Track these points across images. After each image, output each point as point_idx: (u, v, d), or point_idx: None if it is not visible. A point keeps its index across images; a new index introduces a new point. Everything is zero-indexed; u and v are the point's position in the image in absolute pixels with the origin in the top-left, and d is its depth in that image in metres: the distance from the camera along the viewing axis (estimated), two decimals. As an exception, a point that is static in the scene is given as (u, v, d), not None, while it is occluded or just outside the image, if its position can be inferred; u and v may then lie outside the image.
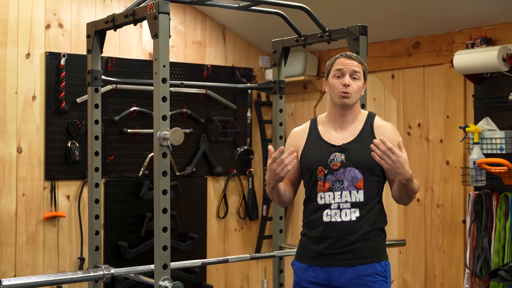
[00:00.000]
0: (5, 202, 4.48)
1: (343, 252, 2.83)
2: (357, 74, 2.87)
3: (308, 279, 2.90)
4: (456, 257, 4.46)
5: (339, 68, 2.88)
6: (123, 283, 4.80)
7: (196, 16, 5.37)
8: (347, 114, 2.92)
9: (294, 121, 5.69)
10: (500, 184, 4.09)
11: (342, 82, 2.86)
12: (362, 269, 2.82)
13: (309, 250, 2.91)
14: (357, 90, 2.88)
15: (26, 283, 2.99)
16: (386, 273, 2.86)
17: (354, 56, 2.91)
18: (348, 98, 2.86)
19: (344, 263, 2.83)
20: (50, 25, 4.66)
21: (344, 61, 2.89)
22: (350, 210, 2.83)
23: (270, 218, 5.53)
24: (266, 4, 3.65)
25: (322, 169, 2.87)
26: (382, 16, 4.50)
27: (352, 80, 2.87)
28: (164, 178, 2.96)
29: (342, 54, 2.93)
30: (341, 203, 2.83)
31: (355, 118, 2.93)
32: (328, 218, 2.85)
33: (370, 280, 2.81)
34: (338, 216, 2.84)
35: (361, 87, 2.90)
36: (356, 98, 2.89)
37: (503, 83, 4.14)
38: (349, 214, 2.83)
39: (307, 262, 2.91)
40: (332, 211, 2.84)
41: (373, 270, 2.82)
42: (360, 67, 2.89)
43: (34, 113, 4.59)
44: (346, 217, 2.83)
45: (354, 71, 2.87)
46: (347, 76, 2.86)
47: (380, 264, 2.85)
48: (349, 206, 2.83)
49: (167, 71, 2.98)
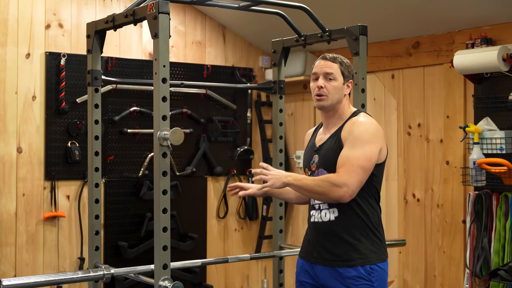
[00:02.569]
0: (5, 202, 4.48)
1: (326, 252, 2.87)
2: (331, 75, 2.88)
3: (303, 273, 3.01)
4: (456, 257, 4.46)
5: (315, 72, 2.93)
6: (123, 283, 4.80)
7: (196, 16, 5.37)
8: (331, 116, 2.94)
9: (294, 121, 5.69)
10: (500, 184, 4.09)
11: (316, 85, 2.90)
12: (343, 271, 2.82)
13: (304, 247, 3.04)
14: (333, 91, 2.88)
15: (26, 283, 2.98)
16: (372, 276, 2.81)
17: (330, 57, 2.91)
18: (323, 100, 2.88)
19: (327, 262, 2.87)
20: (50, 25, 4.66)
21: (319, 64, 2.93)
22: (328, 210, 2.87)
23: (270, 218, 5.53)
24: (266, 4, 3.64)
25: (307, 171, 2.98)
26: (382, 16, 4.50)
27: (326, 81, 2.88)
28: (164, 178, 2.95)
29: (321, 56, 2.96)
30: (320, 204, 2.90)
31: (339, 118, 2.94)
32: (313, 218, 2.94)
33: (353, 283, 2.80)
34: (319, 216, 2.90)
35: (339, 87, 2.89)
36: (335, 99, 2.89)
37: (503, 83, 4.14)
38: (328, 214, 2.87)
39: (303, 257, 3.03)
40: (316, 211, 2.93)
41: (355, 274, 2.80)
42: (336, 67, 2.89)
43: (34, 113, 4.59)
44: (325, 218, 2.88)
45: (327, 73, 2.88)
46: (320, 78, 2.89)
47: (364, 268, 2.81)
48: (327, 206, 2.87)
49: (167, 71, 2.98)
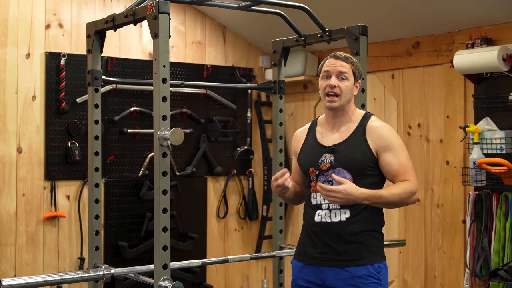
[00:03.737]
0: (5, 202, 4.48)
1: (333, 253, 2.83)
2: (344, 75, 2.87)
3: (303, 277, 2.93)
4: (456, 257, 4.46)
5: (326, 70, 2.89)
6: (123, 283, 4.80)
7: (196, 16, 5.37)
8: (339, 115, 2.92)
9: (294, 121, 5.69)
10: (500, 184, 4.09)
11: (328, 83, 2.87)
12: (354, 270, 2.80)
13: (303, 249, 2.94)
14: (345, 91, 2.87)
15: (26, 283, 2.99)
16: (380, 275, 2.83)
17: (342, 56, 2.90)
18: (336, 101, 2.86)
19: (335, 263, 2.83)
20: (50, 25, 4.66)
21: (331, 62, 2.90)
22: (339, 211, 2.83)
23: (270, 218, 5.53)
24: (266, 4, 3.64)
25: (313, 170, 2.90)
26: (382, 16, 4.50)
27: (339, 80, 2.87)
28: (164, 178, 2.96)
29: (331, 54, 2.93)
30: (330, 204, 2.84)
31: (348, 118, 2.93)
32: (319, 218, 2.87)
33: (363, 282, 2.79)
34: (328, 217, 2.85)
35: (351, 87, 2.89)
36: (346, 99, 2.88)
37: (503, 83, 4.14)
38: (339, 214, 2.83)
39: (302, 261, 2.94)
40: (323, 211, 2.86)
41: (365, 272, 2.80)
42: (348, 67, 2.88)
43: (34, 113, 4.59)
44: (336, 218, 2.83)
45: (340, 72, 2.87)
46: (333, 77, 2.87)
47: (373, 266, 2.82)
48: (339, 207, 2.83)
49: (167, 71, 2.98)
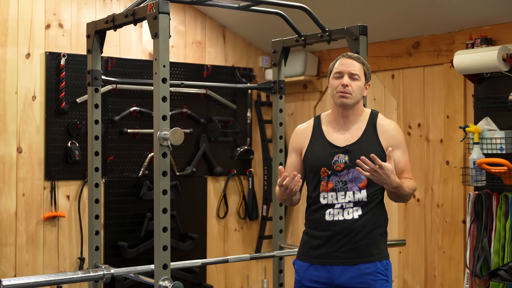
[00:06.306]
0: (5, 202, 4.48)
1: (344, 250, 2.85)
2: (356, 75, 2.90)
3: (309, 278, 2.92)
4: (456, 257, 4.46)
5: (339, 70, 2.92)
6: (123, 283, 4.80)
7: (196, 16, 5.37)
8: (349, 115, 2.94)
9: (294, 121, 5.69)
10: (500, 184, 4.09)
11: (341, 83, 2.89)
12: (363, 267, 2.83)
13: (310, 249, 2.93)
14: (357, 90, 2.90)
15: (26, 283, 2.99)
16: (388, 272, 2.88)
17: (355, 57, 2.94)
18: (347, 98, 2.88)
19: (346, 261, 2.84)
20: (50, 25, 4.66)
21: (344, 62, 2.93)
22: (352, 209, 2.86)
23: (270, 218, 5.53)
24: (266, 4, 3.65)
25: (326, 170, 2.90)
26: (382, 16, 4.50)
27: (351, 80, 2.90)
28: (164, 178, 2.96)
29: (344, 54, 2.97)
30: (344, 203, 2.86)
31: (357, 118, 2.96)
32: (330, 217, 2.87)
33: (372, 279, 2.83)
34: (340, 215, 2.86)
35: (362, 87, 2.92)
36: (357, 98, 2.91)
37: (503, 83, 4.14)
38: (351, 212, 2.85)
39: (309, 261, 2.93)
40: (335, 210, 2.87)
41: (374, 269, 2.84)
42: (360, 68, 2.92)
43: (34, 113, 4.58)
44: (348, 216, 2.85)
45: (353, 72, 2.90)
46: (346, 77, 2.89)
47: (381, 263, 2.86)
48: (352, 205, 2.86)
49: (167, 71, 2.98)
